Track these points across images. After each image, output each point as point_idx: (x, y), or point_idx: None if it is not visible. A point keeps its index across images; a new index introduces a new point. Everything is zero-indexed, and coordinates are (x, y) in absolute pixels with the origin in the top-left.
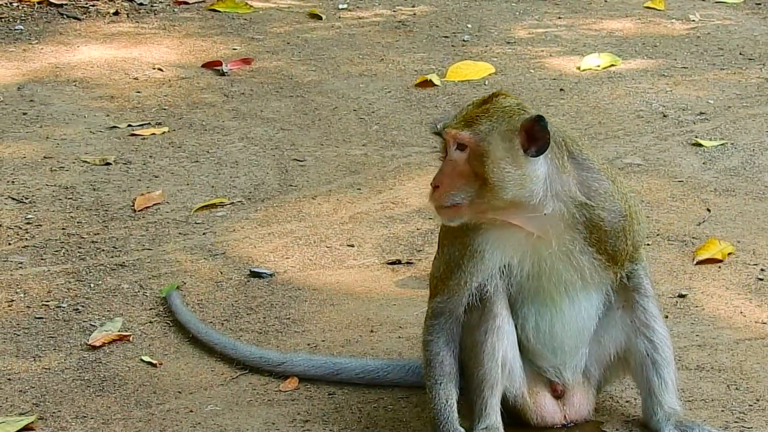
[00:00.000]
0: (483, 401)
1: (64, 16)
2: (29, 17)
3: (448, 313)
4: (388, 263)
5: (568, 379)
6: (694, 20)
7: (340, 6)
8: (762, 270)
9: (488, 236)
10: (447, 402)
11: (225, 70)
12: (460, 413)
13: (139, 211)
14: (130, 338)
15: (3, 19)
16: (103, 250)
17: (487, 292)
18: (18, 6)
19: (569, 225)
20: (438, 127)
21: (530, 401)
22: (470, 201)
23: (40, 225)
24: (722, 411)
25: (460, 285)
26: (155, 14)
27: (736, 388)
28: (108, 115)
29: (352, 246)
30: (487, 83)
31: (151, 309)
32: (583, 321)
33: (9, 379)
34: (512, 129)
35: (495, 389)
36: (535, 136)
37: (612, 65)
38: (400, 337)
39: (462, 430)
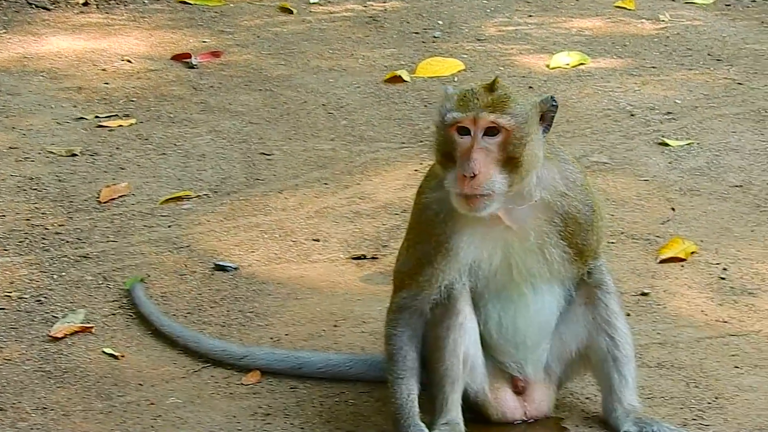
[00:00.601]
0: (444, 397)
1: (33, 6)
2: None
3: (413, 308)
4: (353, 258)
5: (530, 375)
6: (663, 20)
7: (311, 0)
8: (724, 269)
9: (464, 232)
10: (408, 397)
11: (194, 63)
12: (422, 408)
13: (104, 202)
14: (93, 330)
15: None
16: (68, 242)
17: (453, 288)
18: None
19: (548, 216)
20: (454, 117)
21: (491, 397)
22: (502, 188)
23: (3, 215)
24: (681, 408)
25: (430, 282)
26: (125, 5)
27: (696, 386)
28: (75, 106)
29: (318, 240)
30: (456, 80)
31: (114, 301)
32: (546, 316)
33: None
34: (536, 110)
35: (456, 385)
36: (545, 116)
37: (581, 64)
38: (363, 332)
39: (422, 425)
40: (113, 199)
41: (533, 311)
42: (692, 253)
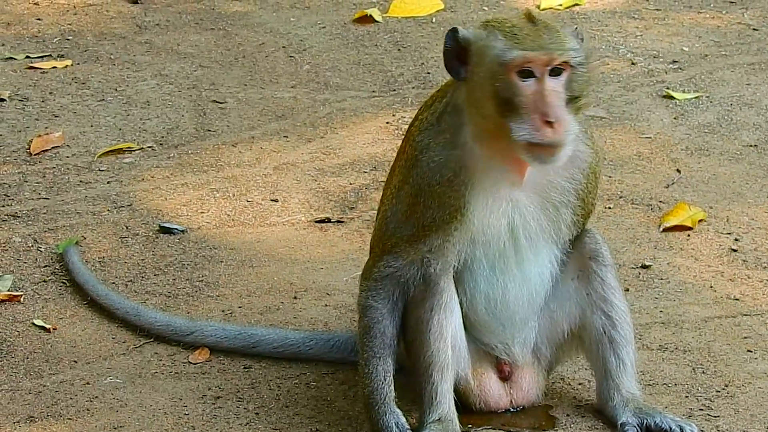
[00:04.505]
0: (433, 388)
1: None
2: None
3: (399, 278)
4: (316, 221)
5: (517, 356)
6: None
7: None
8: (736, 240)
9: (480, 195)
10: (385, 379)
11: None
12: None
13: (35, 154)
14: (21, 299)
15: None
16: None
17: (445, 262)
18: None
19: (570, 172)
20: (523, 56)
21: (474, 384)
22: (575, 133)
23: None
24: (686, 397)
25: (437, 253)
26: None
27: (703, 372)
28: (3, 45)
29: (276, 201)
30: (434, 21)
31: (45, 266)
32: (536, 288)
33: None
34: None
35: (446, 373)
36: None
37: (575, 4)
38: (326, 305)
39: (399, 411)
40: (45, 150)
41: (524, 282)
42: (700, 220)
